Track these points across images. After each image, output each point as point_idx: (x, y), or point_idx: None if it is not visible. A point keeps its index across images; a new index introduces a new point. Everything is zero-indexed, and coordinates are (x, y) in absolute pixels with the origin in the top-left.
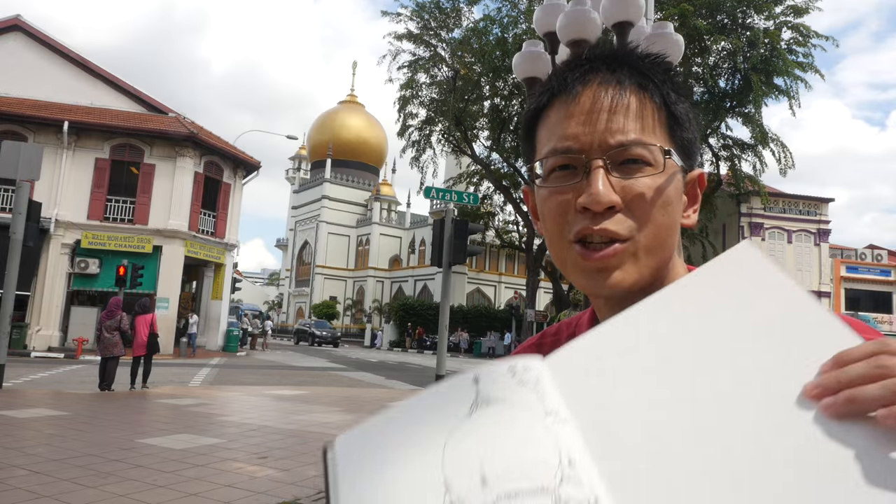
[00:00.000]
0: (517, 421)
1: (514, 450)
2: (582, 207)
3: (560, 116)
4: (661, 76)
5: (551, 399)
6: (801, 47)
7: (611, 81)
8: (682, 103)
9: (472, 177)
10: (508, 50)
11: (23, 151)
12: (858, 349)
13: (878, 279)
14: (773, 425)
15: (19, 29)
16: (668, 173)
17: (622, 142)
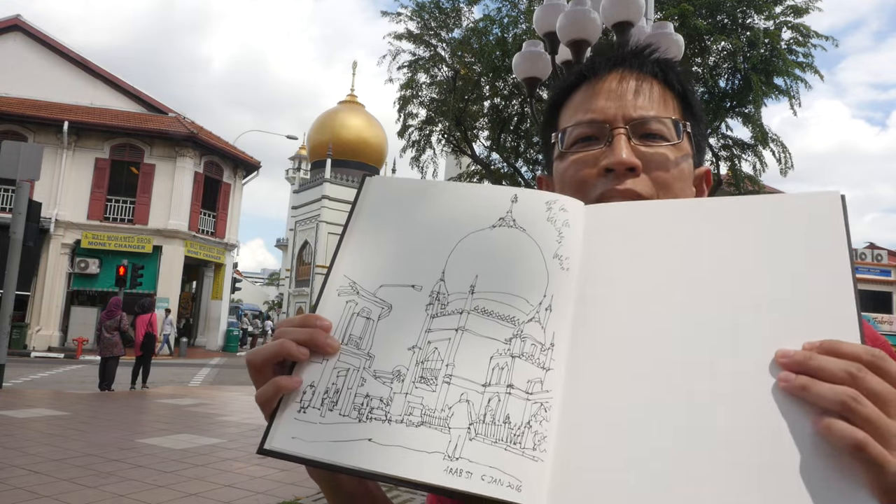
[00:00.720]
0: (526, 252)
1: (509, 275)
2: (604, 169)
3: (586, 95)
4: (678, 72)
5: (569, 244)
6: (801, 47)
7: (635, 68)
8: (695, 99)
9: (472, 177)
10: (508, 50)
11: (23, 151)
12: (849, 347)
13: (878, 279)
14: (734, 367)
15: (19, 29)
16: (682, 151)
17: (643, 115)
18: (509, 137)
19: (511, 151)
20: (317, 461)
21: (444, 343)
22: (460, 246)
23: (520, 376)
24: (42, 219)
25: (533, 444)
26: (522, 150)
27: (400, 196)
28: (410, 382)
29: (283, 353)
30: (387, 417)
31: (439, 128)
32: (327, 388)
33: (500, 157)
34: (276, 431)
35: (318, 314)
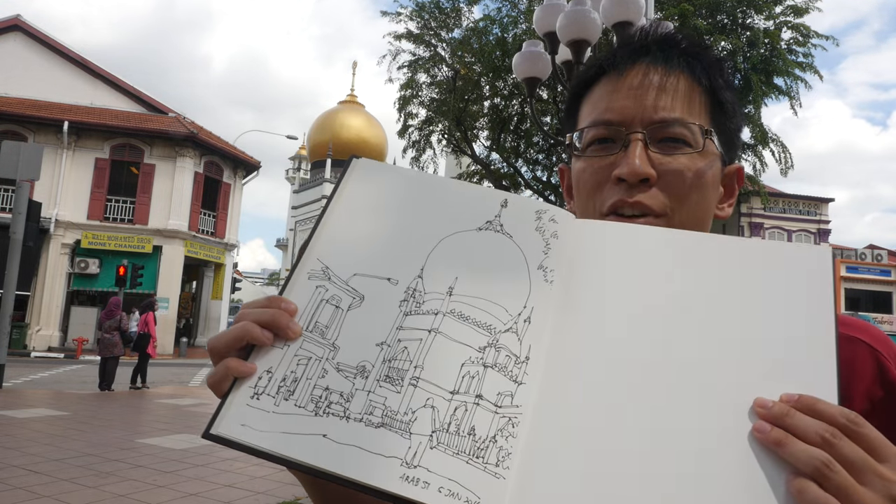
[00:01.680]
0: (510, 259)
1: (490, 282)
2: (617, 178)
3: (605, 91)
4: (710, 63)
5: (555, 257)
6: (801, 47)
7: (659, 61)
8: (727, 92)
9: (472, 177)
10: (508, 50)
11: (23, 151)
12: (825, 407)
13: (878, 279)
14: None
15: (19, 29)
16: (707, 157)
17: (665, 118)
18: (509, 137)
19: (511, 151)
20: (264, 452)
21: (415, 343)
22: (443, 244)
23: (490, 387)
24: (42, 219)
25: (496, 460)
26: (522, 150)
27: (387, 183)
28: (374, 380)
29: (247, 336)
30: (345, 414)
31: (439, 128)
32: (285, 375)
33: (500, 157)
34: (225, 416)
35: (285, 297)
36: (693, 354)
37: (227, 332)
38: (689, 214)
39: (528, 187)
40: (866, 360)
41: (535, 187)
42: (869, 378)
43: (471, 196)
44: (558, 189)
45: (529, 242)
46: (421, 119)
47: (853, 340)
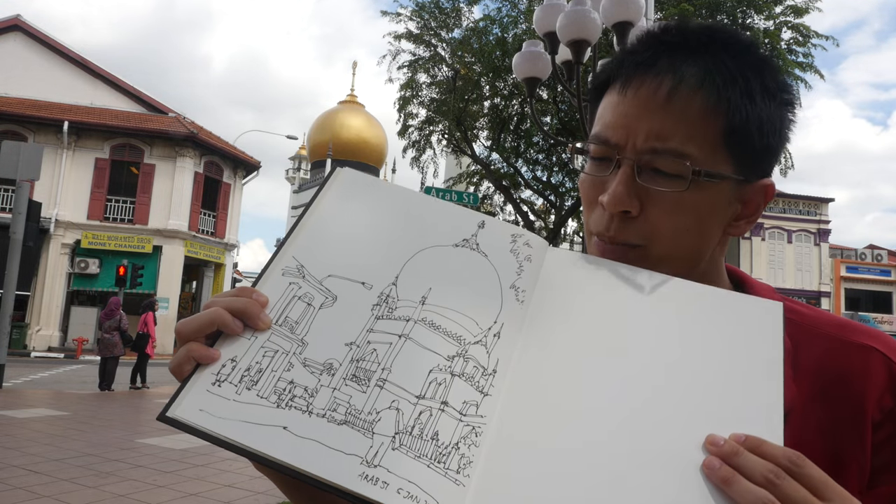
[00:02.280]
0: (484, 276)
1: (463, 295)
2: (601, 204)
3: (609, 104)
4: (729, 73)
5: (526, 278)
6: (801, 47)
7: (667, 74)
8: (752, 106)
9: (472, 177)
10: (508, 50)
11: (23, 151)
12: (770, 449)
13: (878, 279)
14: (664, 439)
15: (19, 29)
16: (702, 188)
17: (655, 148)
18: (509, 137)
19: (511, 151)
20: (221, 439)
21: (385, 346)
22: (419, 256)
23: (456, 395)
24: (42, 219)
25: (458, 467)
26: (522, 150)
27: (368, 194)
28: (341, 378)
29: (217, 322)
30: (308, 409)
31: (439, 128)
32: (250, 365)
33: (500, 157)
34: (184, 400)
35: (258, 290)
36: (650, 390)
37: (197, 316)
38: (671, 248)
39: (528, 187)
40: (880, 369)
41: (535, 187)
42: (881, 387)
43: (450, 214)
44: (558, 189)
45: (504, 262)
46: (421, 119)
47: (867, 349)
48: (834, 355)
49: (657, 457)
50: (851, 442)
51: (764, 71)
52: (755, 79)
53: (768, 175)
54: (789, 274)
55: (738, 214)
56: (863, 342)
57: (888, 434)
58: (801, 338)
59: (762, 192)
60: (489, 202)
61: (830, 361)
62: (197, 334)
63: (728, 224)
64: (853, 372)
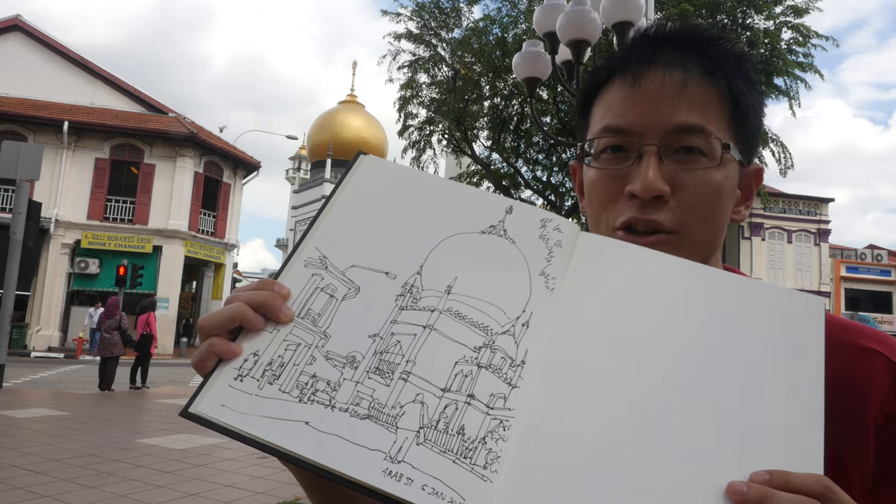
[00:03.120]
0: (512, 263)
1: (490, 284)
2: (630, 194)
3: (618, 95)
4: (730, 63)
5: (557, 265)
6: (802, 47)
7: (676, 65)
8: (749, 94)
9: (472, 177)
10: (508, 50)
11: (23, 151)
12: (805, 480)
13: (878, 279)
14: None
15: (19, 29)
16: (725, 167)
17: (681, 124)
18: (509, 137)
19: (511, 151)
20: (243, 434)
21: (409, 338)
22: (444, 244)
23: (483, 388)
24: (42, 219)
25: (485, 462)
26: (522, 150)
27: (392, 180)
28: (364, 371)
29: (239, 318)
30: (330, 403)
31: (439, 128)
32: (272, 359)
33: (500, 157)
34: (206, 396)
35: (279, 282)
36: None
37: (220, 311)
38: (704, 230)
39: (528, 187)
40: (883, 372)
41: (535, 187)
42: (885, 391)
43: (476, 200)
44: (559, 189)
45: (532, 249)
46: (421, 119)
47: (871, 352)
48: (836, 359)
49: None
50: (854, 446)
51: (746, 63)
52: (739, 69)
53: (753, 160)
54: (789, 274)
55: (738, 200)
56: (866, 345)
57: (891, 438)
58: None
59: (754, 177)
60: None
61: (833, 365)
62: (219, 329)
63: (733, 210)
64: (856, 375)
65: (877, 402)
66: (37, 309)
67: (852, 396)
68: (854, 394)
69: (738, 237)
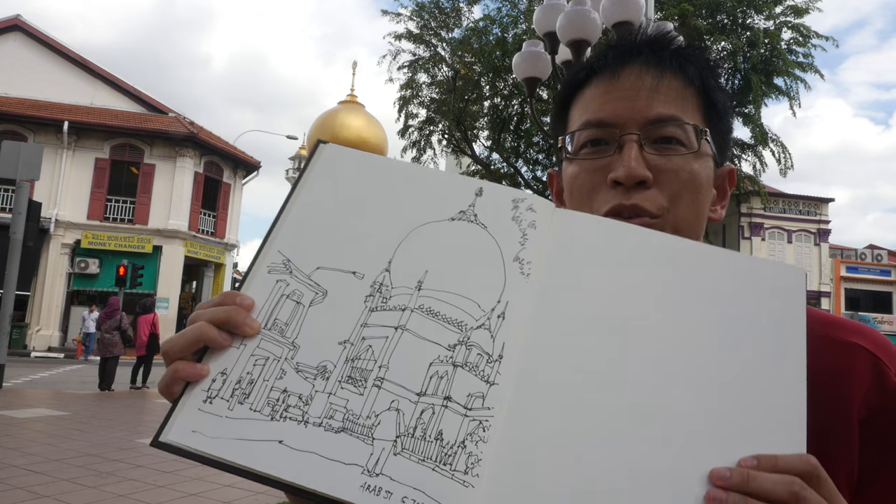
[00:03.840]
0: (485, 251)
1: (462, 275)
2: (613, 181)
3: (597, 92)
4: (702, 63)
5: (532, 248)
6: (802, 47)
7: (651, 62)
8: (720, 93)
9: (472, 177)
10: (508, 50)
11: (23, 151)
12: (787, 461)
13: (878, 279)
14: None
15: (19, 29)
16: (702, 158)
17: (660, 114)
18: (509, 137)
19: (511, 151)
20: (216, 460)
21: (381, 341)
22: (413, 235)
23: (460, 388)
24: (42, 219)
25: (465, 467)
26: (522, 150)
27: (355, 170)
28: (336, 381)
29: (204, 339)
30: (303, 418)
31: (439, 128)
32: (241, 377)
33: (500, 157)
34: (175, 423)
35: (243, 292)
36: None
37: (182, 334)
38: (684, 215)
39: (528, 187)
40: (865, 367)
41: (535, 187)
42: (868, 384)
43: (444, 184)
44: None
45: (505, 233)
46: (421, 119)
47: (853, 346)
48: (821, 354)
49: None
50: (840, 442)
51: (714, 67)
52: (711, 71)
53: (726, 162)
54: None
55: (714, 199)
56: (848, 339)
57: (873, 433)
58: None
59: (727, 178)
60: None
61: (817, 361)
62: (184, 353)
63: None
64: (839, 370)
65: (860, 397)
66: (37, 309)
67: (836, 392)
68: (838, 390)
69: (738, 237)
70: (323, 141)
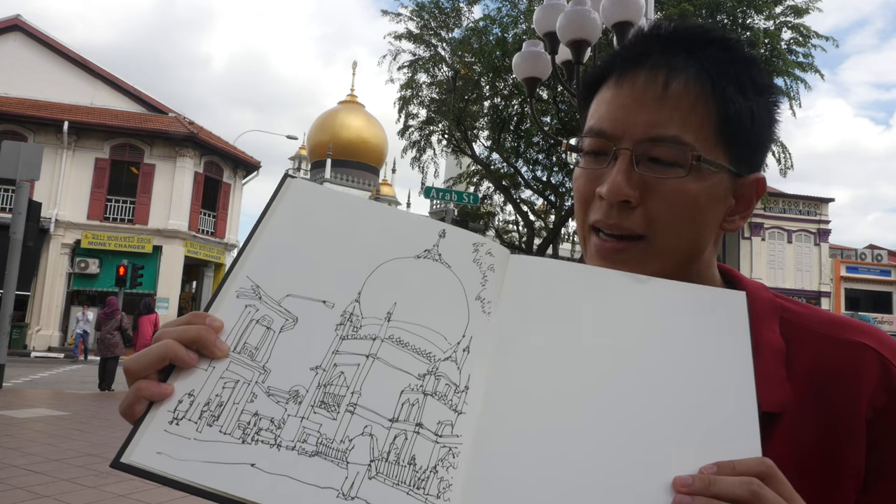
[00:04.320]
0: (449, 288)
1: (429, 309)
2: (598, 196)
3: (606, 96)
4: (721, 67)
5: (491, 288)
6: (801, 47)
7: (661, 67)
8: (744, 99)
9: (472, 177)
10: (508, 50)
11: (23, 151)
12: (744, 464)
13: (878, 279)
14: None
15: (19, 29)
16: (704, 178)
17: (653, 136)
18: (509, 137)
19: (511, 151)
20: (184, 483)
21: (353, 368)
22: (381, 269)
23: (430, 416)
24: (42, 219)
25: (437, 492)
26: (522, 150)
27: (323, 206)
28: (309, 406)
29: (169, 356)
30: (276, 442)
31: (439, 128)
32: (209, 399)
33: (500, 157)
34: (139, 444)
35: (211, 314)
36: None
37: (147, 351)
38: (673, 239)
39: (528, 187)
40: (873, 366)
41: (535, 187)
42: (874, 384)
43: (409, 224)
44: (559, 189)
45: (467, 273)
46: (421, 119)
47: (859, 346)
48: (827, 354)
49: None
50: (846, 442)
51: (752, 67)
52: (745, 73)
53: (758, 170)
54: (789, 274)
55: (733, 209)
56: (855, 339)
57: (880, 433)
58: (794, 337)
59: (754, 187)
60: (489, 202)
61: (823, 361)
62: (147, 371)
63: (723, 219)
64: (846, 370)
65: (866, 397)
66: (37, 309)
67: (843, 392)
68: (845, 389)
69: (738, 237)
70: (291, 175)
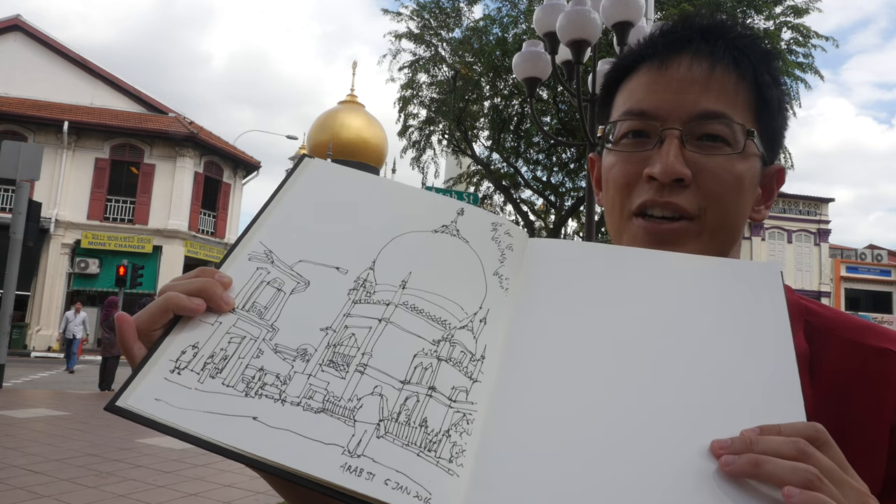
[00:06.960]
0: (467, 261)
1: (445, 279)
2: (648, 177)
3: (644, 80)
4: (757, 55)
5: (510, 266)
6: (802, 48)
7: (703, 53)
8: (775, 89)
9: (473, 177)
10: (508, 50)
11: (23, 151)
12: (792, 427)
13: (878, 279)
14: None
15: (19, 29)
16: (748, 158)
17: (706, 110)
18: (509, 137)
19: (511, 151)
20: (182, 431)
21: (364, 331)
22: (397, 241)
23: (444, 381)
24: (42, 219)
25: (450, 456)
26: (522, 150)
27: (340, 183)
28: (317, 364)
29: (171, 306)
30: (280, 397)
31: (439, 128)
32: (213, 352)
33: (500, 157)
34: (137, 389)
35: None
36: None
37: (150, 304)
38: (723, 218)
39: (528, 187)
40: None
41: (535, 187)
42: None
43: (427, 201)
44: (559, 189)
45: (486, 250)
46: (421, 119)
47: (886, 352)
48: (851, 359)
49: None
50: (868, 448)
51: (770, 59)
52: (767, 65)
53: (776, 160)
54: (789, 274)
55: (758, 199)
56: (881, 346)
57: None
58: (818, 340)
59: (775, 177)
60: (489, 202)
61: (848, 365)
62: (151, 325)
63: (752, 208)
64: (871, 376)
65: (891, 404)
66: (37, 309)
67: (868, 398)
68: (870, 395)
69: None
70: (309, 155)
